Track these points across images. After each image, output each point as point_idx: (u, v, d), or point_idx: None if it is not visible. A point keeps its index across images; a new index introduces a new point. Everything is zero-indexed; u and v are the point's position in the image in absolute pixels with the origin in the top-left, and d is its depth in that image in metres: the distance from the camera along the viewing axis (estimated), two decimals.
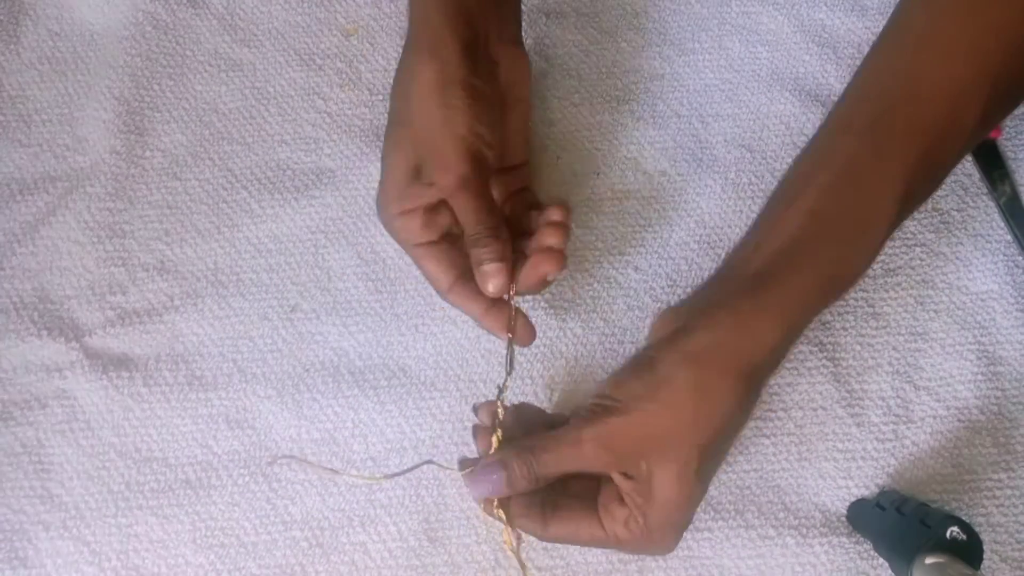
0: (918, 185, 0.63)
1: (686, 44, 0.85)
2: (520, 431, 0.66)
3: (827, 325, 0.77)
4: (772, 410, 0.75)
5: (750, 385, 0.60)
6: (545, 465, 0.62)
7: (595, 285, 0.78)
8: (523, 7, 0.84)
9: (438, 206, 0.69)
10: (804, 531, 0.72)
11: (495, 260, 0.66)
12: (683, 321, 0.61)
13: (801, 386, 0.75)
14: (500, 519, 0.65)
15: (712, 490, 0.73)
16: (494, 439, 0.65)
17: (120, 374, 0.75)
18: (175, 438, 0.74)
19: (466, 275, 0.69)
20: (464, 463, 0.67)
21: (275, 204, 0.80)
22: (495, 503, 0.64)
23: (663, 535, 0.62)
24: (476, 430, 0.68)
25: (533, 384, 0.75)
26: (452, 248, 0.70)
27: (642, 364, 0.61)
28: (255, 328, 0.77)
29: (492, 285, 0.67)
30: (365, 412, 0.75)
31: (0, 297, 0.78)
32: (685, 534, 0.70)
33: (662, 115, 0.83)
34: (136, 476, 0.73)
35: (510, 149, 0.74)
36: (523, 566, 0.68)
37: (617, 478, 0.61)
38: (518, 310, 0.70)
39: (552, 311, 0.77)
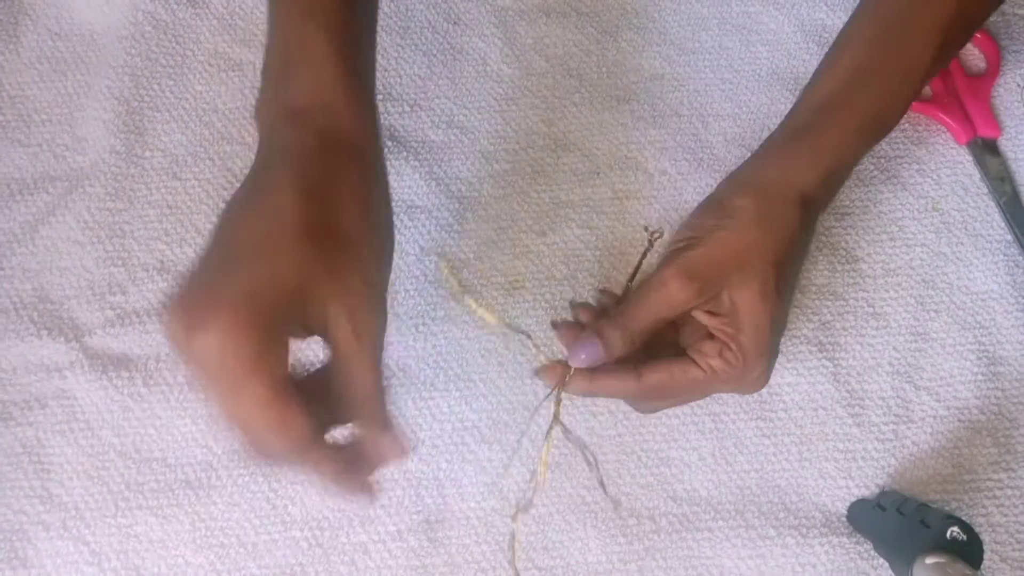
0: (954, 36, 0.68)
1: (686, 44, 0.85)
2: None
3: (827, 325, 0.77)
4: (772, 410, 0.75)
5: (805, 210, 0.64)
6: (636, 320, 0.63)
7: (595, 284, 0.78)
8: (522, 7, 0.85)
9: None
10: (804, 531, 0.72)
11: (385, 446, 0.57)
12: (738, 171, 0.67)
13: (801, 386, 0.75)
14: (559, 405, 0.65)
15: (712, 489, 0.73)
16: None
17: (120, 374, 0.75)
18: (175, 438, 0.74)
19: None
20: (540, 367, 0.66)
21: None
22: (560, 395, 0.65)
23: (757, 361, 0.63)
24: (561, 324, 0.66)
25: (533, 383, 0.75)
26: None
27: (709, 203, 0.66)
28: None
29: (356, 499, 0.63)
30: None
31: (0, 297, 0.77)
32: (685, 533, 0.71)
33: (662, 115, 0.83)
34: (136, 476, 0.73)
35: None
36: (564, 427, 0.67)
37: (702, 316, 0.63)
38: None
39: (553, 311, 0.77)
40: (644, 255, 0.69)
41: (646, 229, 0.69)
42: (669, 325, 0.65)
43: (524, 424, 0.70)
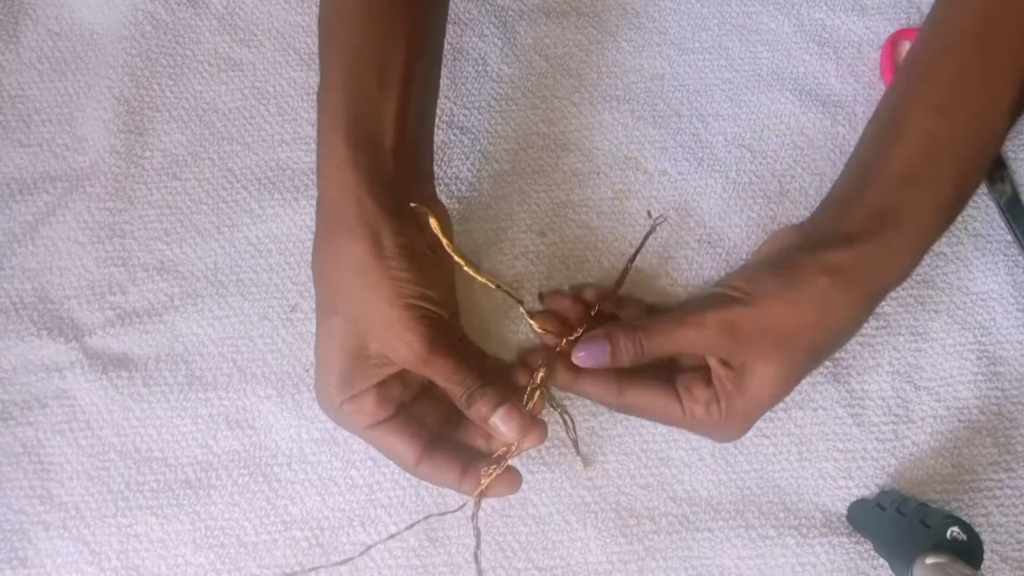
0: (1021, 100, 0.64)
1: (686, 44, 0.85)
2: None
3: None
4: (772, 410, 0.75)
5: (872, 305, 0.63)
6: (656, 344, 0.63)
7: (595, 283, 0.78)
8: (522, 7, 0.85)
9: (387, 381, 0.65)
10: (804, 531, 0.72)
11: (502, 404, 0.64)
12: (819, 236, 0.64)
13: (801, 386, 0.75)
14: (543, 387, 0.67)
15: (712, 489, 0.73)
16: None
17: (120, 374, 0.75)
18: (175, 438, 0.74)
19: (433, 444, 0.66)
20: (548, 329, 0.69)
21: (275, 204, 0.80)
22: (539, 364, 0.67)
23: (739, 424, 0.64)
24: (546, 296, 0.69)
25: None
26: (410, 419, 0.66)
27: (783, 266, 0.63)
28: (255, 328, 0.77)
29: (510, 428, 0.64)
30: None
31: (0, 297, 0.77)
32: (685, 533, 0.72)
33: (662, 115, 0.82)
34: (136, 476, 0.73)
35: (447, 304, 0.69)
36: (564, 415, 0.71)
37: (714, 363, 0.63)
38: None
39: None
40: (646, 238, 0.70)
41: (649, 214, 0.69)
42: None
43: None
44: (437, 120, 0.82)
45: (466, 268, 0.67)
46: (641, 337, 0.63)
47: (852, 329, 0.64)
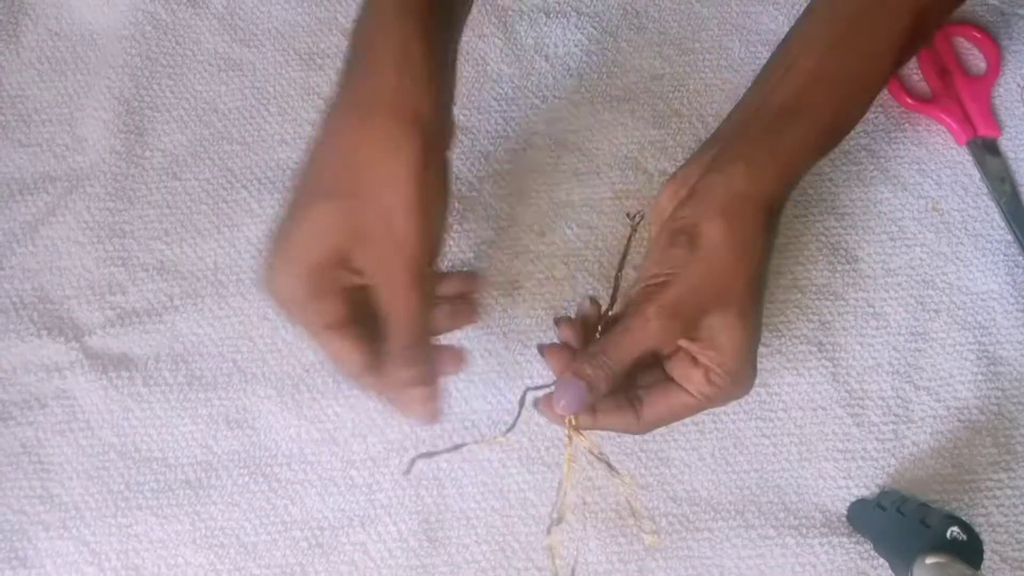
0: (910, 47, 0.67)
1: (686, 44, 0.85)
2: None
3: (827, 325, 0.77)
4: (772, 410, 0.75)
5: (770, 219, 0.63)
6: (617, 359, 0.62)
7: (595, 283, 0.78)
8: (523, 7, 0.85)
9: (348, 290, 0.62)
10: (804, 531, 0.72)
11: (421, 384, 0.62)
12: (694, 182, 0.64)
13: (801, 386, 0.75)
14: (577, 431, 0.65)
15: (712, 489, 0.73)
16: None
17: (120, 374, 0.75)
18: (175, 438, 0.74)
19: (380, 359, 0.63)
20: (533, 391, 0.66)
21: (275, 204, 0.80)
22: (573, 421, 0.64)
23: (743, 375, 0.63)
24: (546, 349, 0.66)
25: (532, 379, 0.75)
26: (360, 328, 0.63)
27: (675, 233, 0.63)
28: (255, 328, 0.77)
29: (417, 413, 0.63)
30: (365, 412, 0.75)
31: (0, 297, 0.78)
32: (685, 533, 0.71)
33: (662, 114, 0.83)
34: (136, 476, 0.73)
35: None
36: (611, 467, 0.69)
37: (685, 344, 0.63)
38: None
39: (552, 310, 0.77)
40: (629, 241, 0.69)
41: (628, 215, 0.69)
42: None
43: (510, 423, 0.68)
44: None
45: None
46: (603, 360, 0.62)
47: (767, 245, 0.64)
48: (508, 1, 0.85)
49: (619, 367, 0.62)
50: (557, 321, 0.67)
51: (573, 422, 0.64)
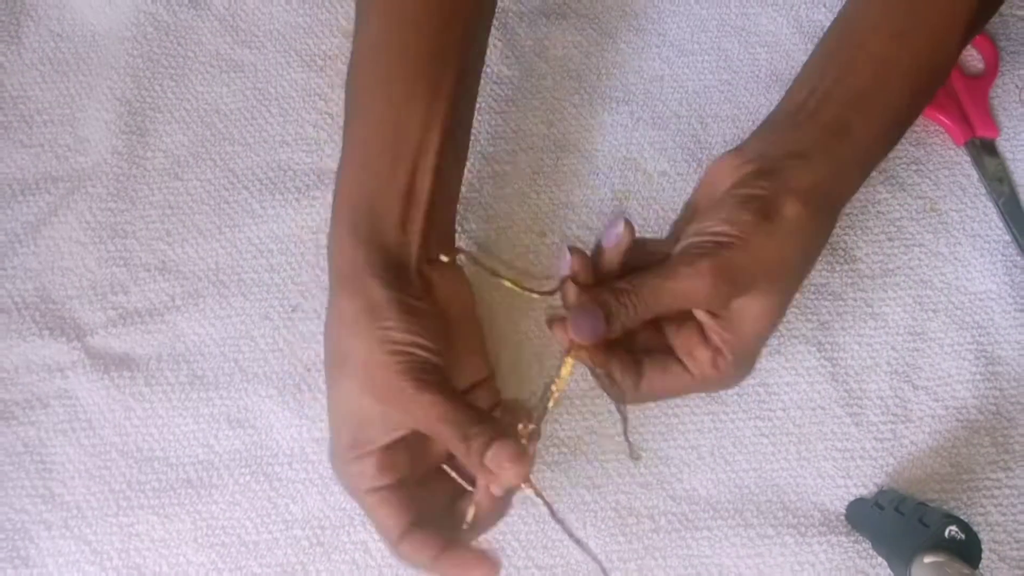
0: (975, 26, 0.66)
1: (685, 45, 0.85)
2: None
3: (826, 325, 0.77)
4: (771, 410, 0.75)
5: (835, 219, 0.64)
6: (649, 302, 0.60)
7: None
8: (522, 8, 0.85)
9: (392, 447, 0.62)
10: (803, 530, 0.72)
11: (496, 440, 0.58)
12: (768, 163, 0.63)
13: (800, 386, 0.76)
14: (579, 359, 0.61)
15: (711, 488, 0.73)
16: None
17: (122, 374, 0.75)
18: (176, 437, 0.74)
19: (419, 521, 0.62)
20: (553, 316, 0.63)
21: (276, 204, 0.80)
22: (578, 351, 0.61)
23: (747, 366, 0.63)
24: (571, 253, 0.63)
25: (532, 384, 0.75)
26: (406, 494, 0.63)
27: (753, 200, 0.61)
28: (256, 328, 0.77)
29: (507, 462, 0.58)
30: None
31: (2, 297, 0.78)
32: (684, 532, 0.72)
33: (662, 116, 0.83)
34: (137, 475, 0.73)
35: (466, 367, 0.66)
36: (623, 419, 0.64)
37: (703, 316, 0.62)
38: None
39: (556, 303, 0.76)
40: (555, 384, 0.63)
41: (565, 350, 0.62)
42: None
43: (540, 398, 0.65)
44: None
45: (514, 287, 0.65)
46: (632, 298, 0.60)
47: (823, 245, 0.64)
48: (508, 3, 0.86)
49: (644, 311, 0.60)
50: (571, 249, 0.63)
51: (578, 352, 0.61)
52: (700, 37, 0.85)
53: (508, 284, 0.65)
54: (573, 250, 0.62)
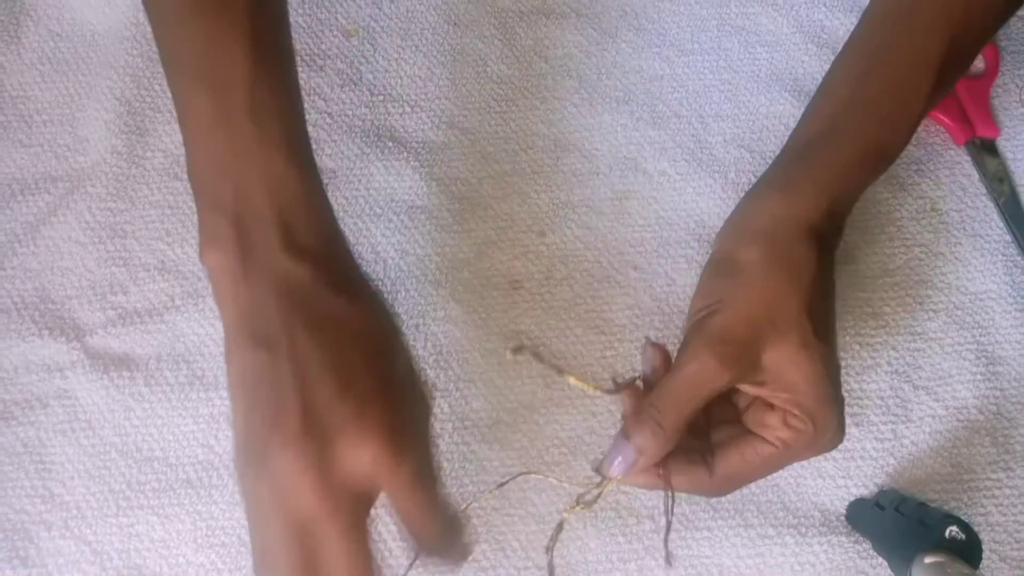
0: (951, 65, 0.65)
1: (685, 45, 0.85)
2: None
3: None
4: None
5: (820, 245, 0.61)
6: (668, 408, 0.58)
7: (595, 285, 0.78)
8: (522, 8, 0.85)
9: None
10: (803, 530, 0.72)
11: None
12: (727, 224, 0.64)
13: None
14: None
15: None
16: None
17: (121, 374, 0.75)
18: (176, 438, 0.74)
19: None
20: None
21: None
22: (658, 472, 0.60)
23: (826, 416, 0.59)
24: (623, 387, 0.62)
25: (532, 383, 0.75)
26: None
27: (716, 263, 0.62)
28: None
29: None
30: None
31: (1, 297, 0.78)
32: (685, 534, 0.71)
33: (662, 116, 0.83)
34: (137, 475, 0.73)
35: None
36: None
37: (751, 389, 0.59)
38: None
39: (551, 311, 0.77)
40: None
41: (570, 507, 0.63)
42: (728, 404, 0.63)
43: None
44: (437, 120, 0.83)
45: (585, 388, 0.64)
46: (653, 413, 0.58)
47: (819, 273, 0.60)
48: (507, 2, 0.86)
49: (672, 422, 0.58)
50: (652, 345, 0.63)
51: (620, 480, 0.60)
52: (700, 37, 0.85)
53: (573, 382, 0.64)
54: (654, 346, 0.62)
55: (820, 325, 0.59)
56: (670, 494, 0.61)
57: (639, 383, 0.62)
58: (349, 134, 0.82)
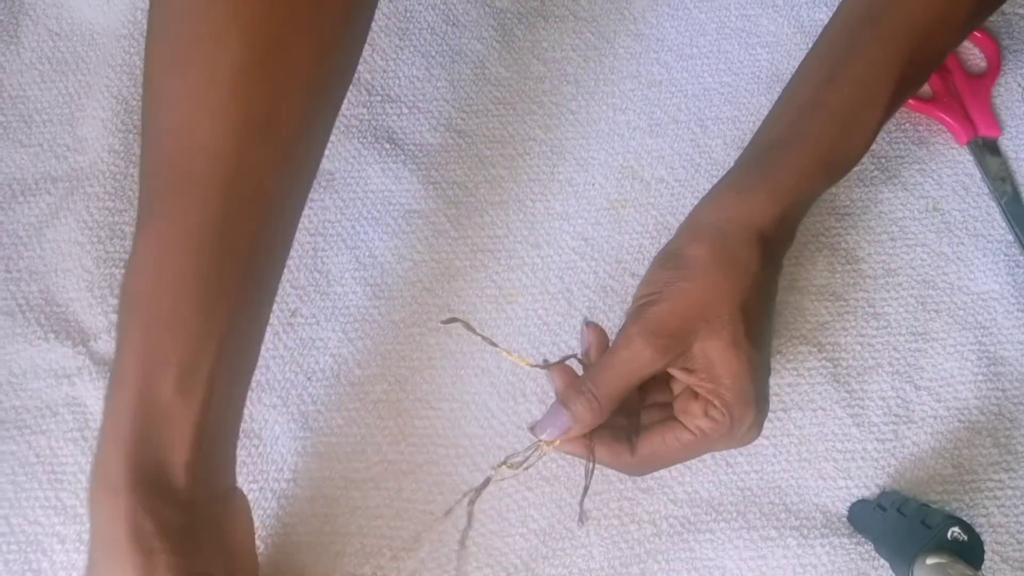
0: (911, 76, 0.67)
1: (684, 49, 0.84)
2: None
3: (826, 325, 0.77)
4: (772, 410, 0.75)
5: (764, 250, 0.63)
6: (604, 386, 0.61)
7: (590, 295, 0.78)
8: (521, 9, 0.84)
9: None
10: (805, 532, 0.72)
11: None
12: (693, 213, 0.66)
13: (801, 387, 0.76)
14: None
15: (713, 491, 0.74)
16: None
17: None
18: None
19: None
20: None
21: None
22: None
23: (743, 412, 0.62)
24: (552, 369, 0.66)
25: (527, 403, 0.75)
26: None
27: (664, 255, 0.64)
28: None
29: None
30: (366, 427, 0.75)
31: (7, 300, 0.78)
32: (687, 535, 0.72)
33: (660, 122, 0.82)
34: None
35: None
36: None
37: (680, 374, 0.62)
38: None
39: (550, 319, 0.77)
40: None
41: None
42: (665, 387, 0.66)
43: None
44: (435, 122, 0.82)
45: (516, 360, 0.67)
46: (589, 386, 0.62)
47: (760, 276, 0.62)
48: (506, 3, 0.85)
49: (606, 395, 0.62)
50: (588, 324, 0.67)
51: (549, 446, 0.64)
52: (699, 41, 0.85)
53: (505, 354, 0.68)
54: (590, 325, 0.66)
55: (753, 326, 0.62)
56: (592, 465, 0.64)
57: (570, 363, 0.66)
58: (347, 135, 0.82)
